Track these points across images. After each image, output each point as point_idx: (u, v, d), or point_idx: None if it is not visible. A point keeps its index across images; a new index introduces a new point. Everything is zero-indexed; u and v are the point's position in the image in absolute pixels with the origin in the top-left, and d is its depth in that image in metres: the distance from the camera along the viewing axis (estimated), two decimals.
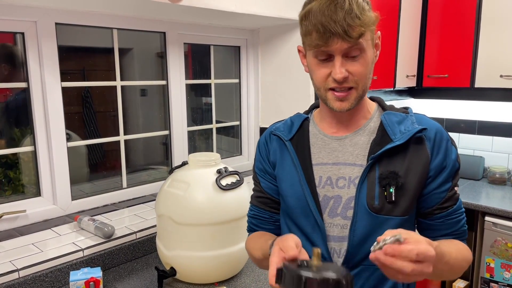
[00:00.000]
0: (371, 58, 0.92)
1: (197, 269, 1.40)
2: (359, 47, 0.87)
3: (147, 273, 1.50)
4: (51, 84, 1.67)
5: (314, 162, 0.99)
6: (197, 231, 1.37)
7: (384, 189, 0.91)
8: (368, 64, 0.91)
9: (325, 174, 0.97)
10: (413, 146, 0.93)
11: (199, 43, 2.26)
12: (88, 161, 2.05)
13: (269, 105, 2.52)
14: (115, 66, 1.91)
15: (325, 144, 1.00)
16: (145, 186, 2.06)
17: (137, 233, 1.61)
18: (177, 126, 2.16)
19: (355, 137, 0.98)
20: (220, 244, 1.39)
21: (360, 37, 0.86)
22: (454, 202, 0.96)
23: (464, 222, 0.99)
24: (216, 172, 1.43)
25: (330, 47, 0.86)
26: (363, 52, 0.88)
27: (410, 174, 0.92)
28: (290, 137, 1.03)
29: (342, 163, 0.97)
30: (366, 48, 0.89)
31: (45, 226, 1.64)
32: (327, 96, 0.92)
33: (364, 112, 1.00)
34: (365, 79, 0.91)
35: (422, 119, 0.97)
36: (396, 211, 0.92)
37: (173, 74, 2.11)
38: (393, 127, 0.95)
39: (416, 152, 0.93)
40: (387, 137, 0.94)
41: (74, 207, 1.79)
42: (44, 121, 1.68)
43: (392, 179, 0.91)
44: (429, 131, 0.94)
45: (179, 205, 1.37)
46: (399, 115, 0.97)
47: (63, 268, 1.39)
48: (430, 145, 0.94)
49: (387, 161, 0.92)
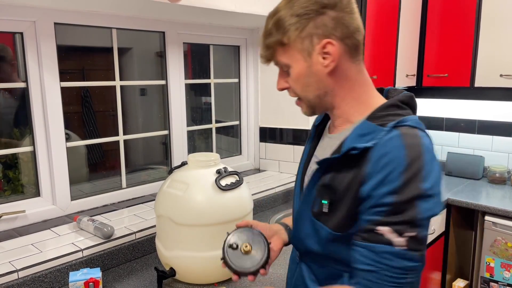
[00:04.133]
0: (305, 70, 0.87)
1: (197, 269, 1.40)
2: (283, 63, 0.90)
3: (147, 273, 1.49)
4: (50, 84, 1.66)
5: (315, 152, 1.03)
6: (196, 232, 1.36)
7: (320, 199, 0.90)
8: (299, 77, 0.89)
9: (313, 165, 1.00)
10: (357, 165, 0.83)
11: (198, 42, 2.26)
12: (88, 161, 2.05)
13: (269, 104, 2.52)
14: (114, 65, 1.91)
15: (324, 138, 1.03)
16: (145, 186, 2.06)
17: (136, 234, 1.61)
18: (177, 126, 2.16)
19: (335, 139, 0.94)
20: (220, 244, 1.38)
21: (273, 58, 0.90)
22: (369, 238, 0.80)
23: (373, 271, 0.79)
24: (216, 172, 1.42)
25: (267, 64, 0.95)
26: (290, 67, 0.89)
27: (347, 192, 0.84)
28: (318, 123, 1.07)
29: (321, 159, 0.95)
30: (292, 62, 0.88)
31: (44, 227, 1.63)
32: None
33: (347, 116, 0.92)
34: (302, 92, 0.91)
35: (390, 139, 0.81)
36: (329, 224, 0.88)
37: (172, 74, 2.10)
38: (353, 139, 0.86)
39: (357, 171, 0.83)
40: (339, 148, 0.89)
41: (74, 207, 1.79)
42: (43, 121, 1.68)
43: (326, 193, 0.88)
44: (378, 152, 0.80)
45: (178, 206, 1.37)
46: (371, 127, 0.85)
47: (62, 268, 1.39)
48: (370, 167, 0.80)
49: (334, 172, 0.87)
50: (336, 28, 0.84)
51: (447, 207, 2.48)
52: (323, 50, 0.85)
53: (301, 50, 0.86)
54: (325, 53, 0.85)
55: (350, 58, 0.88)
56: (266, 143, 2.57)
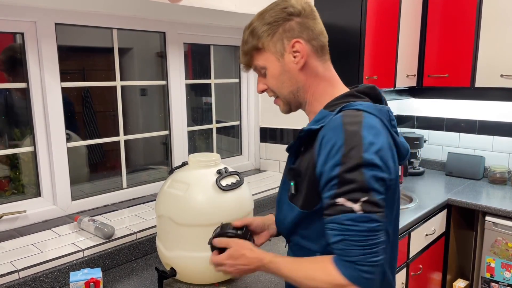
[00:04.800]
0: (279, 69, 1.00)
1: (198, 269, 1.40)
2: (259, 67, 1.03)
3: (147, 273, 1.49)
4: (50, 84, 1.67)
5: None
6: (197, 232, 1.37)
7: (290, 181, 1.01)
8: (275, 76, 1.01)
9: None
10: (310, 148, 0.96)
11: (199, 43, 2.26)
12: (88, 161, 2.05)
13: (269, 105, 2.51)
14: (115, 66, 1.91)
15: None
16: (145, 186, 2.06)
17: (137, 234, 1.61)
18: (177, 126, 2.16)
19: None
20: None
21: (251, 63, 1.04)
22: (332, 213, 0.87)
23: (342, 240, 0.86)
24: (216, 173, 1.43)
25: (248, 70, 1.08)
26: (267, 69, 1.02)
27: (306, 173, 0.96)
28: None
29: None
30: (268, 64, 1.01)
31: (45, 227, 1.64)
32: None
33: (315, 109, 1.04)
34: (279, 89, 1.03)
35: (332, 120, 0.92)
36: (297, 203, 0.99)
37: (173, 74, 2.11)
38: (309, 125, 0.99)
39: (311, 153, 0.95)
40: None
41: (74, 207, 1.79)
42: (44, 121, 1.68)
43: (292, 175, 1.01)
44: (321, 133, 0.92)
45: (179, 206, 1.37)
46: (323, 113, 0.97)
47: (63, 268, 1.39)
48: (317, 147, 0.92)
49: (300, 157, 1.00)
50: (302, 31, 0.99)
51: (447, 207, 2.48)
52: (293, 49, 0.99)
53: (274, 52, 0.99)
54: (295, 52, 0.99)
55: (317, 57, 1.01)
56: (266, 143, 2.57)
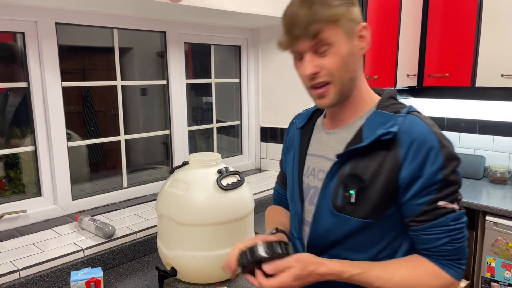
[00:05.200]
0: (347, 50, 0.89)
1: (198, 269, 1.40)
2: (325, 42, 0.88)
3: (148, 273, 1.49)
4: (51, 84, 1.67)
5: (309, 152, 1.05)
6: (198, 231, 1.37)
7: (346, 190, 0.91)
8: (341, 56, 0.89)
9: (312, 164, 1.03)
10: (385, 151, 0.88)
11: (199, 42, 2.26)
12: (89, 160, 2.05)
13: (270, 104, 2.52)
14: (116, 65, 1.91)
15: (320, 136, 1.04)
16: (146, 186, 2.06)
17: (137, 233, 1.61)
18: (178, 126, 2.16)
19: (341, 133, 0.98)
20: (221, 244, 1.39)
21: (321, 32, 0.86)
22: (433, 217, 0.86)
23: (451, 241, 0.87)
24: (217, 172, 1.43)
25: (296, 48, 0.90)
26: (332, 46, 0.88)
27: (377, 179, 0.88)
28: (302, 125, 1.10)
29: (325, 156, 0.99)
30: (336, 41, 0.88)
31: (45, 226, 1.64)
32: (311, 94, 0.94)
33: (357, 107, 0.97)
34: (340, 72, 0.89)
35: (410, 122, 0.89)
36: (357, 213, 0.90)
37: (173, 74, 2.10)
38: (370, 128, 0.91)
39: (387, 157, 0.87)
40: (360, 137, 0.92)
41: (75, 207, 1.79)
42: (44, 121, 1.68)
43: (352, 182, 0.90)
44: (407, 136, 0.86)
45: (179, 205, 1.37)
46: (386, 115, 0.91)
47: (63, 268, 1.39)
48: (404, 151, 0.86)
49: (356, 162, 0.91)
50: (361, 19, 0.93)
51: None
52: (360, 34, 0.91)
53: (345, 30, 0.89)
54: (361, 37, 0.91)
55: None
56: (267, 143, 2.57)
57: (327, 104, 0.93)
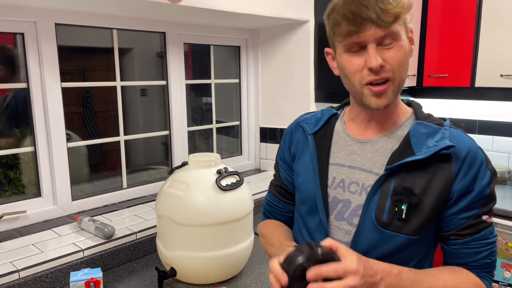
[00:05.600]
0: (407, 48, 0.85)
1: (198, 269, 1.40)
2: (393, 35, 0.82)
3: (147, 273, 1.49)
4: (51, 85, 1.67)
5: (332, 161, 0.96)
6: (197, 232, 1.37)
7: (396, 205, 0.85)
8: (404, 52, 0.84)
9: (339, 175, 0.94)
10: (437, 164, 0.85)
11: (199, 43, 2.26)
12: (88, 161, 2.05)
13: (269, 105, 2.52)
14: (115, 66, 1.91)
15: (346, 145, 0.96)
16: (145, 186, 2.06)
17: (137, 234, 1.61)
18: (177, 126, 2.16)
19: (378, 143, 0.92)
20: (221, 244, 1.39)
21: (395, 21, 0.81)
22: (476, 231, 0.86)
23: (490, 254, 0.88)
24: (216, 173, 1.43)
25: (362, 34, 0.81)
26: (397, 40, 0.83)
27: (428, 193, 0.84)
28: (315, 131, 1.01)
29: (359, 167, 0.92)
30: (401, 35, 0.83)
31: (45, 227, 1.64)
32: (364, 93, 0.86)
33: (396, 116, 0.93)
34: (401, 69, 0.84)
35: (457, 136, 0.87)
36: (405, 230, 0.85)
37: (173, 74, 2.11)
38: (419, 139, 0.86)
39: (439, 171, 0.84)
40: (410, 149, 0.86)
41: (75, 207, 1.79)
42: (44, 122, 1.68)
43: (405, 196, 0.84)
44: (460, 150, 0.85)
45: (179, 206, 1.37)
46: (431, 127, 0.88)
47: (63, 268, 1.39)
48: (457, 165, 0.84)
49: (405, 175, 0.85)
50: None
51: None
52: (410, 35, 0.87)
53: (406, 30, 0.85)
54: (411, 38, 0.88)
55: None
56: (266, 143, 2.57)
57: (382, 105, 0.85)
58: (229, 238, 1.39)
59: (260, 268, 1.54)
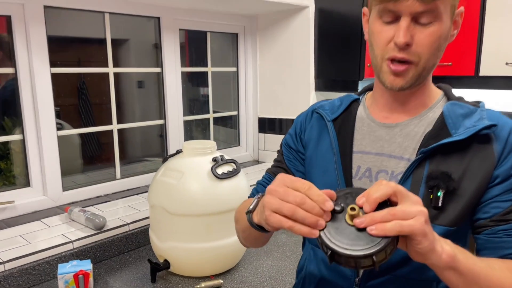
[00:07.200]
0: (446, 32, 0.77)
1: (192, 261, 1.34)
2: (433, 13, 0.74)
3: (140, 266, 1.43)
4: (39, 70, 1.60)
5: (355, 149, 0.87)
6: (191, 222, 1.31)
7: (431, 192, 0.76)
8: (439, 36, 0.76)
9: (365, 164, 0.85)
10: (477, 146, 0.77)
11: (195, 29, 2.19)
12: (83, 152, 2.01)
13: (268, 94, 2.45)
14: (107, 52, 1.84)
15: (371, 131, 0.87)
16: (140, 177, 2.00)
17: (130, 225, 1.55)
18: (173, 115, 2.09)
19: (408, 127, 0.84)
20: (216, 235, 1.33)
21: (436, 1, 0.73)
22: None
23: None
24: (212, 161, 1.36)
25: (399, 3, 0.73)
26: (437, 20, 0.74)
27: (467, 178, 0.76)
28: (334, 118, 0.92)
29: (387, 154, 0.84)
30: (443, 15, 0.75)
31: (34, 218, 1.57)
32: (382, 68, 0.79)
33: (425, 98, 0.85)
34: (429, 54, 0.76)
35: (496, 116, 0.80)
36: (442, 219, 0.76)
37: (168, 61, 2.04)
38: (455, 119, 0.79)
39: (480, 153, 0.77)
40: (445, 130, 0.79)
41: (66, 198, 1.73)
42: (32, 108, 1.61)
43: (443, 181, 0.76)
44: (501, 130, 0.77)
45: (172, 195, 1.31)
46: (466, 107, 0.81)
47: (51, 260, 1.33)
48: (500, 147, 0.76)
49: (440, 159, 0.77)
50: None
51: None
52: (456, 18, 0.80)
53: (451, 9, 0.77)
54: (455, 22, 0.81)
55: None
56: (265, 134, 2.51)
57: (398, 85, 0.78)
58: (225, 228, 1.33)
59: (258, 260, 1.49)
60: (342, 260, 0.60)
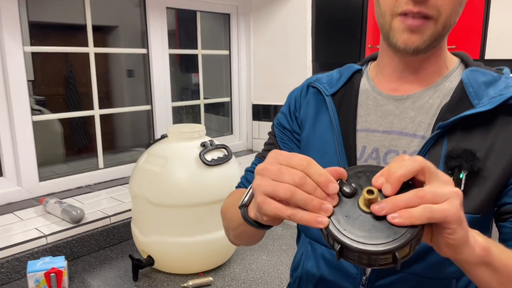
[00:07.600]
0: None
1: (178, 257, 1.21)
2: None
3: (122, 262, 1.31)
4: (11, 49, 1.45)
5: (359, 127, 0.76)
6: (177, 214, 1.18)
7: (451, 173, 0.65)
8: None
9: (371, 144, 0.74)
10: (504, 119, 0.66)
11: (183, 8, 2.04)
12: (66, 141, 1.91)
13: (263, 79, 2.32)
14: (87, 30, 1.69)
15: (378, 105, 0.76)
16: (124, 166, 1.86)
17: (111, 217, 1.42)
18: (160, 100, 1.95)
19: (422, 98, 0.72)
20: (205, 228, 1.20)
21: None
22: None
23: None
24: (200, 146, 1.23)
25: None
26: None
27: (493, 156, 0.65)
28: (333, 92, 0.80)
29: (397, 131, 0.73)
30: None
31: (6, 210, 1.44)
32: (393, 25, 0.67)
33: (440, 65, 0.73)
34: (451, 10, 0.65)
35: None
36: (465, 206, 0.58)
37: (154, 43, 1.89)
38: (478, 88, 0.68)
39: (508, 127, 0.66)
40: (466, 101, 0.68)
41: (42, 189, 1.59)
42: (4, 91, 1.47)
43: (465, 161, 0.64)
44: None
45: (156, 184, 1.18)
46: (489, 74, 0.70)
47: (22, 257, 1.20)
48: None
49: (461, 135, 0.67)
50: None
51: None
52: None
53: None
54: None
55: None
56: (259, 121, 2.38)
57: (414, 45, 0.66)
58: (214, 221, 1.20)
59: (251, 255, 1.36)
60: (354, 256, 0.48)
